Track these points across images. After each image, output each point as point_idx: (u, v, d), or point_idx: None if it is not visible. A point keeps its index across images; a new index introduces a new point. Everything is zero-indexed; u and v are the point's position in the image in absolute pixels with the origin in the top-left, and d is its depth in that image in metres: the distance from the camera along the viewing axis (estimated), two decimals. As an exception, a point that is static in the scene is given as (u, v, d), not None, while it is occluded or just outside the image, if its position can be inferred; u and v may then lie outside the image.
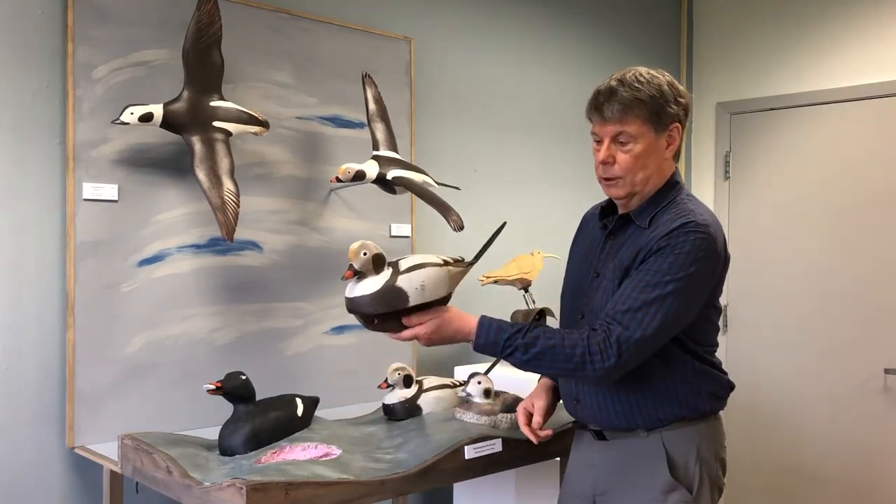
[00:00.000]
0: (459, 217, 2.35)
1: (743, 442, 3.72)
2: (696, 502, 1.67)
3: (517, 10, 3.17)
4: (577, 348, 1.58)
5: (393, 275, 1.63)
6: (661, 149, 1.69)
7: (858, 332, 3.39)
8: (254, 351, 2.35)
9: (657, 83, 1.67)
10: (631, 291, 1.60)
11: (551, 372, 1.76)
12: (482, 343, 1.64)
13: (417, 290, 1.63)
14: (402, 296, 1.62)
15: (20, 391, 2.01)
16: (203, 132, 2.07)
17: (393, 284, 1.62)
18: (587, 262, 1.82)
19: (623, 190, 1.70)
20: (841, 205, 3.44)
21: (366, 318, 1.65)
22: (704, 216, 1.66)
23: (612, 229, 1.77)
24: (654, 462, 1.68)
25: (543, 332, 1.62)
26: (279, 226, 2.41)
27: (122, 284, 2.12)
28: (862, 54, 3.39)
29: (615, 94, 1.65)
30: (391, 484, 1.71)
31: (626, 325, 1.57)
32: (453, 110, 2.95)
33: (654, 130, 1.66)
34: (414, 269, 1.66)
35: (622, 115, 1.64)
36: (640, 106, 1.64)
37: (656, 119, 1.66)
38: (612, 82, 1.67)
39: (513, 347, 1.61)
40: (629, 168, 1.67)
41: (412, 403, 2.12)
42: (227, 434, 1.81)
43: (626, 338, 1.57)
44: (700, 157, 3.92)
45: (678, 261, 1.59)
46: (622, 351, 1.57)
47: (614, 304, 1.61)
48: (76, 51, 2.03)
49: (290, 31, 2.44)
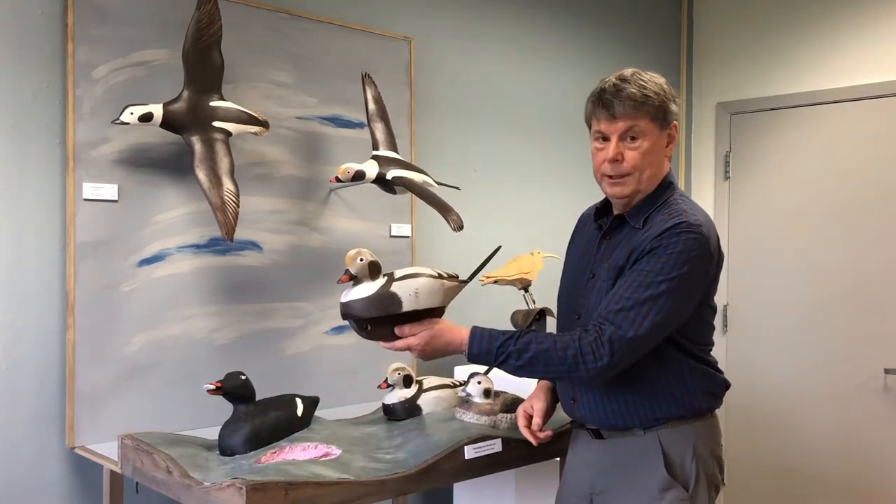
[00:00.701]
0: (459, 217, 2.35)
1: (743, 442, 3.72)
2: (693, 500, 1.68)
3: (517, 11, 3.17)
4: (569, 350, 1.59)
5: (388, 282, 1.66)
6: (662, 147, 1.71)
7: (858, 332, 3.39)
8: (254, 351, 2.35)
9: (658, 82, 1.69)
10: (624, 291, 1.60)
11: (546, 376, 1.77)
12: (475, 353, 1.65)
13: (411, 297, 1.65)
14: (396, 300, 1.64)
15: (20, 391, 2.01)
16: (203, 132, 2.07)
17: (388, 290, 1.65)
18: (583, 263, 1.82)
19: (629, 188, 1.70)
20: (841, 205, 3.44)
21: (359, 323, 1.67)
22: (697, 216, 1.66)
23: (608, 230, 1.78)
24: (651, 460, 1.69)
25: (535, 336, 1.62)
26: (279, 226, 2.41)
27: (122, 284, 2.12)
28: (862, 54, 3.39)
29: (623, 90, 1.65)
30: (391, 484, 1.71)
31: (619, 324, 1.58)
32: (453, 110, 2.95)
33: (658, 128, 1.68)
34: (409, 277, 1.69)
35: (634, 110, 1.65)
36: (649, 102, 1.65)
37: (662, 116, 1.67)
38: (617, 80, 1.68)
39: (505, 354, 1.62)
40: (637, 165, 1.67)
41: (412, 403, 2.12)
42: (227, 434, 1.81)
43: (618, 337, 1.57)
44: (700, 157, 3.92)
45: (670, 261, 1.59)
46: (614, 350, 1.57)
47: (607, 303, 1.62)
48: (76, 51, 2.03)
49: (290, 31, 2.44)
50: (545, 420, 1.87)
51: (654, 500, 1.67)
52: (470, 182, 2.95)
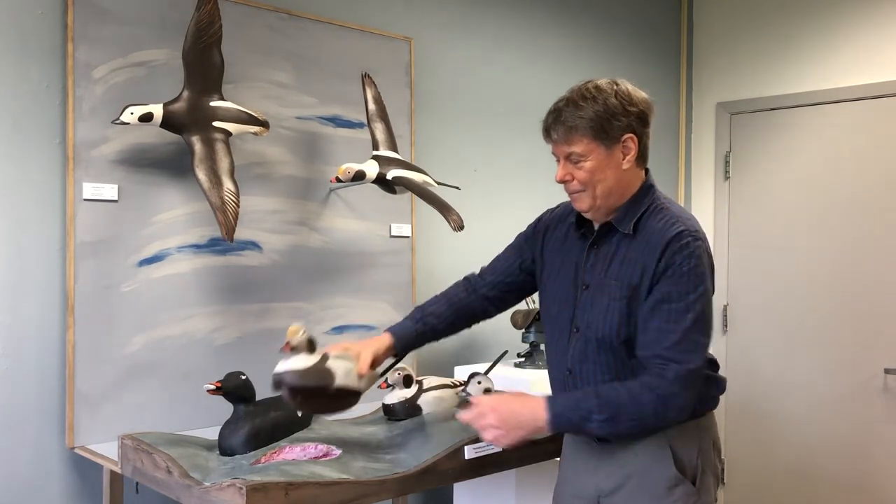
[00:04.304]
0: (459, 217, 2.36)
1: (743, 441, 3.72)
2: (699, 493, 1.71)
3: (517, 10, 3.17)
4: (644, 397, 1.60)
5: (323, 358, 1.73)
6: (616, 161, 1.68)
7: (858, 332, 3.39)
8: (254, 351, 2.35)
9: (603, 98, 1.65)
10: (665, 325, 1.61)
11: (635, 430, 1.70)
12: (558, 428, 1.67)
13: (344, 373, 1.72)
14: (330, 375, 1.70)
15: (20, 391, 2.01)
16: (203, 132, 2.07)
17: (323, 365, 1.71)
18: (570, 273, 1.79)
19: (585, 203, 1.71)
20: (841, 205, 3.44)
21: (291, 392, 1.70)
22: (690, 220, 1.69)
23: (595, 239, 1.76)
24: (661, 461, 1.70)
25: (606, 394, 1.62)
26: (279, 226, 2.41)
27: (122, 284, 2.12)
28: (862, 54, 3.39)
29: (560, 115, 1.67)
30: (391, 484, 1.71)
31: (679, 359, 1.60)
32: (453, 110, 2.95)
33: (603, 146, 1.66)
34: (342, 357, 1.75)
35: (567, 136, 1.67)
36: (584, 125, 1.64)
37: (603, 135, 1.65)
38: (560, 102, 1.69)
39: (587, 420, 1.62)
40: (586, 183, 1.68)
41: (412, 403, 2.12)
42: (227, 434, 1.81)
43: (685, 371, 1.60)
44: (700, 157, 3.92)
45: (691, 276, 1.62)
46: (686, 384, 1.61)
47: (656, 342, 1.62)
48: (76, 51, 2.03)
49: (290, 31, 2.44)
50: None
51: (664, 497, 1.69)
52: (470, 182, 2.95)
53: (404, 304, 2.68)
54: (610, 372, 1.71)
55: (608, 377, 1.71)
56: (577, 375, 1.75)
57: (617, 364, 1.71)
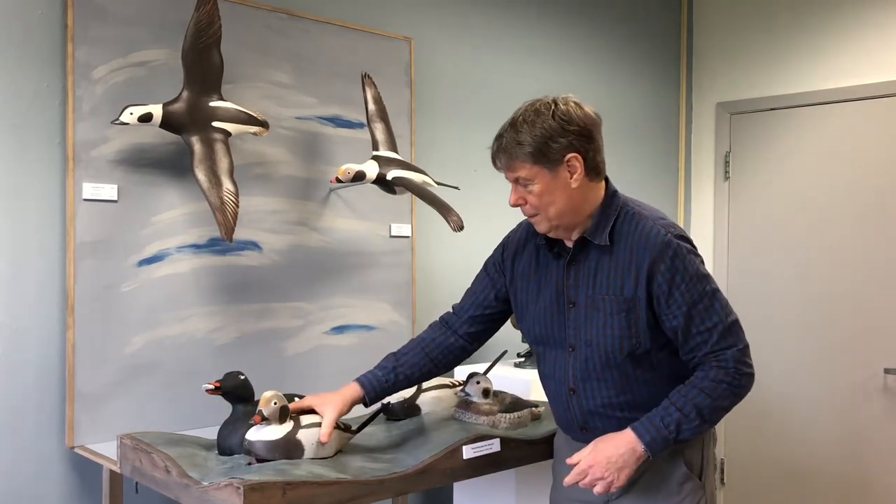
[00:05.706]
0: (459, 217, 2.36)
1: (743, 441, 3.72)
2: (705, 487, 1.77)
3: (517, 10, 3.17)
4: (719, 390, 1.66)
5: (294, 427, 1.74)
6: (563, 182, 1.66)
7: (858, 332, 3.39)
8: (254, 351, 2.35)
9: (541, 121, 1.64)
10: (702, 325, 1.66)
11: (722, 414, 1.75)
12: (657, 451, 1.67)
13: (313, 446, 1.74)
14: (299, 448, 1.72)
15: (20, 391, 2.01)
16: (202, 132, 2.07)
17: (294, 436, 1.72)
18: (550, 294, 1.78)
19: (544, 225, 1.71)
20: (841, 205, 3.44)
21: (261, 462, 1.72)
22: (665, 220, 1.72)
23: (572, 256, 1.74)
24: (671, 459, 1.73)
25: (685, 403, 1.65)
26: (279, 226, 2.42)
27: (122, 284, 2.12)
28: (862, 54, 3.39)
29: (501, 142, 1.69)
30: (390, 484, 1.72)
31: (729, 344, 1.68)
32: (453, 110, 2.95)
33: (546, 168, 1.65)
34: (312, 426, 1.76)
35: (509, 162, 1.68)
36: (523, 151, 1.65)
37: (544, 158, 1.64)
38: (502, 129, 1.70)
39: (678, 431, 1.65)
40: (537, 206, 1.69)
41: (411, 403, 2.13)
42: (226, 434, 1.81)
43: (738, 351, 1.68)
44: (700, 157, 3.92)
45: (697, 274, 1.67)
46: (745, 358, 1.69)
47: (704, 343, 1.67)
48: (76, 51, 2.04)
49: (290, 31, 2.44)
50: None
51: (674, 494, 1.73)
52: (470, 182, 2.95)
53: (404, 304, 2.68)
54: (615, 387, 1.72)
55: (613, 392, 1.72)
56: (580, 394, 1.76)
57: (622, 379, 1.72)
